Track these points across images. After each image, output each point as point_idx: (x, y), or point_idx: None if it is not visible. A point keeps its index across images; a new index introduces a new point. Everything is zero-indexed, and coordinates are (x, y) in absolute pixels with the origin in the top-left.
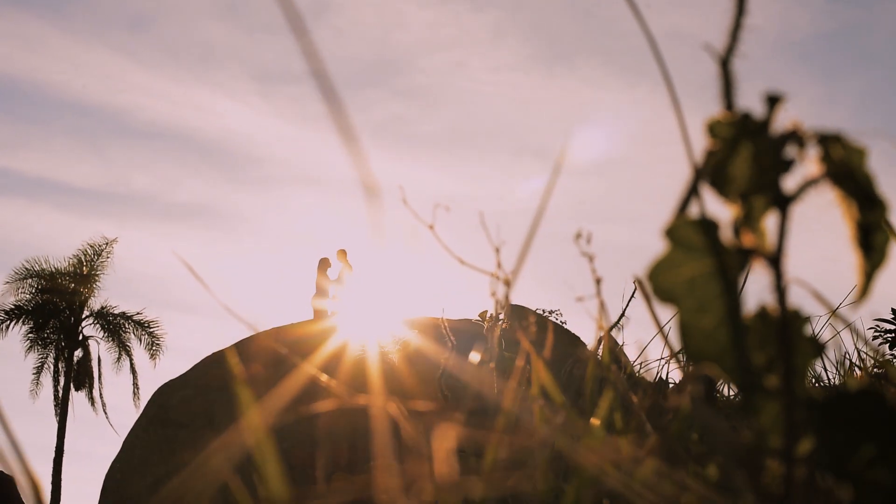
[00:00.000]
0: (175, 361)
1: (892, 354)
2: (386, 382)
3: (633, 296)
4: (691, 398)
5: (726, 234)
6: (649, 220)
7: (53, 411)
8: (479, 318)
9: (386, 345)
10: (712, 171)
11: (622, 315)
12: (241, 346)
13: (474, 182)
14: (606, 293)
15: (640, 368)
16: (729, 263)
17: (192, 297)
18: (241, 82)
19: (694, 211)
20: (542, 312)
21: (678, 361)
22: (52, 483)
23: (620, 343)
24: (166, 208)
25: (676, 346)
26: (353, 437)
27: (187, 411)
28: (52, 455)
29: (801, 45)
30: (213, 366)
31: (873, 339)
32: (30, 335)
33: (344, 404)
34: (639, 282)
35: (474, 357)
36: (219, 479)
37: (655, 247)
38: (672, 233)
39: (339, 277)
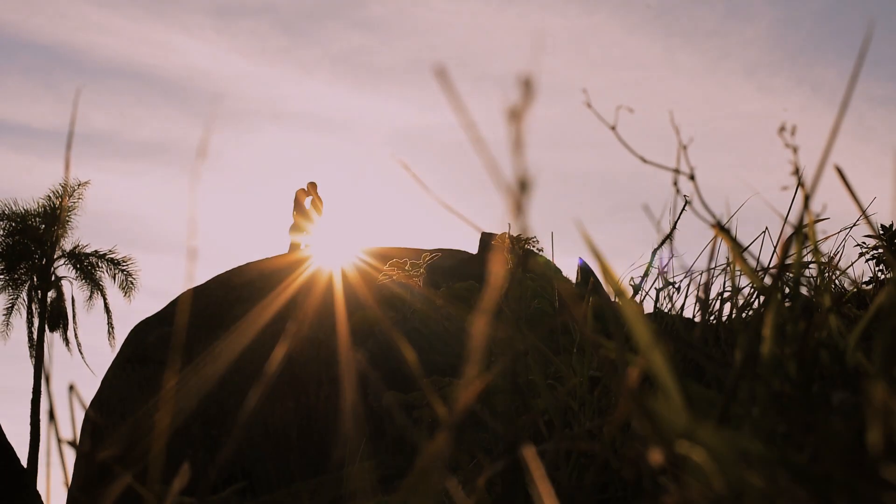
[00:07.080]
0: (145, 301)
1: None
2: (350, 310)
3: (682, 212)
4: None
5: None
6: (611, 146)
7: (28, 353)
8: (492, 239)
9: (354, 275)
10: None
11: (674, 228)
12: (217, 282)
13: (434, 111)
14: (586, 219)
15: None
16: None
17: (157, 235)
18: (197, 17)
19: None
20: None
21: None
22: (31, 424)
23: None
24: (128, 146)
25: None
26: (319, 362)
27: (165, 348)
28: (30, 397)
29: None
30: (189, 302)
31: None
32: (1, 276)
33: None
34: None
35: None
36: (190, 409)
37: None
38: None
39: (309, 210)
